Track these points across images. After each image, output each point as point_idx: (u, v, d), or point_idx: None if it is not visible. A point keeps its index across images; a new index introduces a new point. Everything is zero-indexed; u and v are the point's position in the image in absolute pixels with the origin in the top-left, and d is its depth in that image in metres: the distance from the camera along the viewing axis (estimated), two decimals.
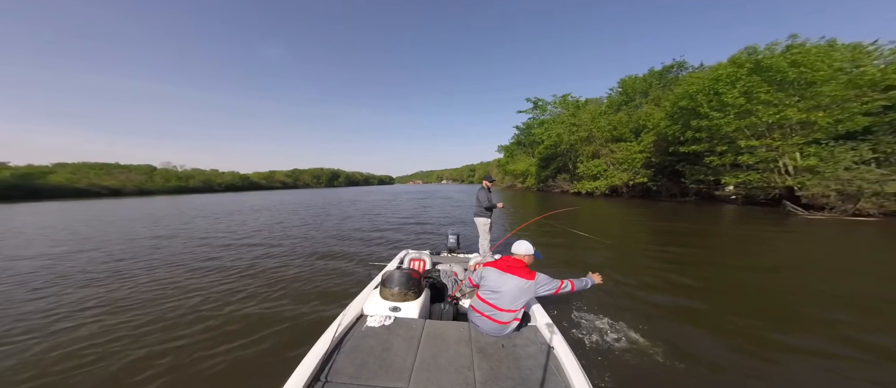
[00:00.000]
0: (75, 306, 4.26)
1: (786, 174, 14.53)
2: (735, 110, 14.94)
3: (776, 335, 3.24)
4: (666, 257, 6.49)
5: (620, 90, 36.62)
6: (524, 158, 49.63)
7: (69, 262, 6.75)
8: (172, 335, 3.40)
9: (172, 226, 12.51)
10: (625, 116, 28.99)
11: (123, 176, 64.66)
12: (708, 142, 16.85)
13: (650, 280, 5.03)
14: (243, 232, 10.62)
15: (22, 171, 53.84)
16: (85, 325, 3.67)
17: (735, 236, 8.85)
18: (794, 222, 10.91)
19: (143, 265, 6.31)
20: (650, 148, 23.83)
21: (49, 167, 61.11)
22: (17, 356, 3.03)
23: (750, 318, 3.62)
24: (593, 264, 5.77)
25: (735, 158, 15.98)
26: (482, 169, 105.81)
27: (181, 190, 67.69)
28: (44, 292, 4.81)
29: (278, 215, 16.44)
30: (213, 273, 5.67)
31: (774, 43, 15.00)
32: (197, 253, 7.42)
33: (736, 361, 2.86)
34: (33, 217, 17.72)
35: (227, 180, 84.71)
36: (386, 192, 49.42)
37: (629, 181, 24.76)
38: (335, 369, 1.89)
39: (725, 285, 4.80)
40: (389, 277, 2.80)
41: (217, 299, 4.41)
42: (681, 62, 33.66)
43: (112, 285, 5.06)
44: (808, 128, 13.72)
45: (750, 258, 6.31)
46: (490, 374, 1.88)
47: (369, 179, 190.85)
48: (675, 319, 3.70)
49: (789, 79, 13.45)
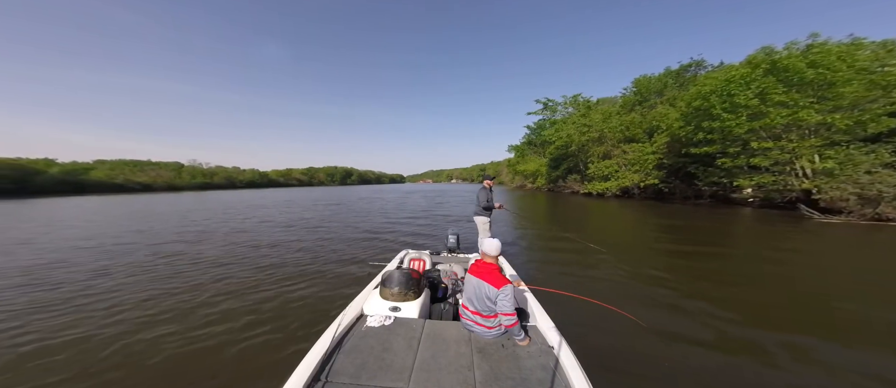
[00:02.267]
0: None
1: (803, 177, 13.97)
2: (748, 112, 14.42)
3: (772, 335, 3.20)
4: (671, 254, 6.46)
5: (634, 90, 35.71)
6: (535, 159, 49.05)
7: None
8: (172, 333, 3.45)
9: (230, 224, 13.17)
10: (638, 117, 28.26)
11: (154, 173, 67.56)
12: (720, 143, 16.32)
13: (651, 280, 5.00)
14: (269, 230, 11.11)
15: (67, 167, 57.40)
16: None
17: (743, 237, 8.67)
18: (807, 225, 10.54)
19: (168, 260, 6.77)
20: (663, 149, 23.23)
21: (90, 164, 64.65)
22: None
23: (752, 321, 3.58)
24: (590, 263, 5.90)
25: (747, 160, 15.44)
26: (492, 169, 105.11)
27: (206, 186, 70.16)
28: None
29: (320, 213, 16.69)
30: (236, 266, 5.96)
31: (793, 42, 14.36)
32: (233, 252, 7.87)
33: (739, 363, 2.84)
34: (103, 209, 18.81)
35: (247, 178, 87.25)
36: (399, 190, 50.00)
37: (640, 182, 24.23)
38: (335, 369, 1.88)
39: (731, 289, 4.69)
40: (389, 277, 2.77)
41: (221, 298, 4.45)
42: (699, 61, 32.42)
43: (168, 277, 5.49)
44: (827, 130, 13.12)
45: (760, 264, 6.15)
46: (490, 374, 1.86)
47: (381, 177, 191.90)
48: (676, 319, 3.69)
49: (807, 80, 12.88)
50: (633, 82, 36.36)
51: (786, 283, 4.99)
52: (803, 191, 13.68)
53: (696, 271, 5.57)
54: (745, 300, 4.28)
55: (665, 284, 4.92)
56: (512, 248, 7.49)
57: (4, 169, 43.32)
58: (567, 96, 37.77)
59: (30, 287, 5.01)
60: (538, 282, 4.48)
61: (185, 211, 17.90)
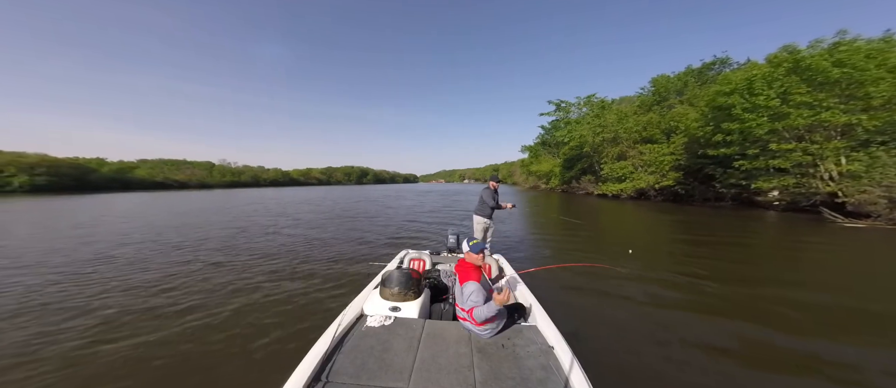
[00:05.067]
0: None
1: (829, 180, 13.19)
2: (769, 112, 13.73)
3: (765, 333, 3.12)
4: (678, 254, 6.41)
5: (652, 90, 34.48)
6: (548, 159, 48.30)
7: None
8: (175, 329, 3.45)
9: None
10: (657, 117, 27.31)
11: (189, 171, 71.41)
12: (739, 145, 15.59)
13: (653, 279, 4.96)
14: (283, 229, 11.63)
15: (116, 166, 62.02)
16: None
17: (760, 243, 8.32)
18: (829, 229, 10.03)
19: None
20: (680, 150, 22.40)
21: (135, 163, 69.34)
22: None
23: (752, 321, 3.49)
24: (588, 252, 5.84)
25: (766, 162, 14.70)
26: (506, 169, 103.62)
27: (234, 184, 73.40)
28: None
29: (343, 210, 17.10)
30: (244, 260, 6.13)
31: (819, 40, 13.53)
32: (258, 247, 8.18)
33: (741, 364, 2.82)
34: (159, 205, 19.86)
35: (271, 176, 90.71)
36: (415, 190, 50.35)
37: (656, 184, 23.47)
38: (335, 369, 1.86)
39: (738, 295, 4.55)
40: (389, 277, 2.73)
41: (225, 297, 4.42)
42: (723, 58, 30.81)
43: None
44: (854, 131, 12.35)
45: (774, 266, 5.97)
46: (490, 374, 1.83)
47: (395, 177, 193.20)
48: (678, 319, 3.65)
49: (832, 79, 12.15)
50: (650, 82, 35.16)
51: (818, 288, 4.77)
52: (829, 194, 12.94)
53: (700, 269, 5.29)
54: (750, 302, 4.13)
55: (666, 283, 4.76)
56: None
57: (67, 168, 47.29)
58: (581, 97, 36.91)
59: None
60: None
61: (245, 204, 18.81)
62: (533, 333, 2.29)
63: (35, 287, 4.85)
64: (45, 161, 44.70)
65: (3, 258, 6.55)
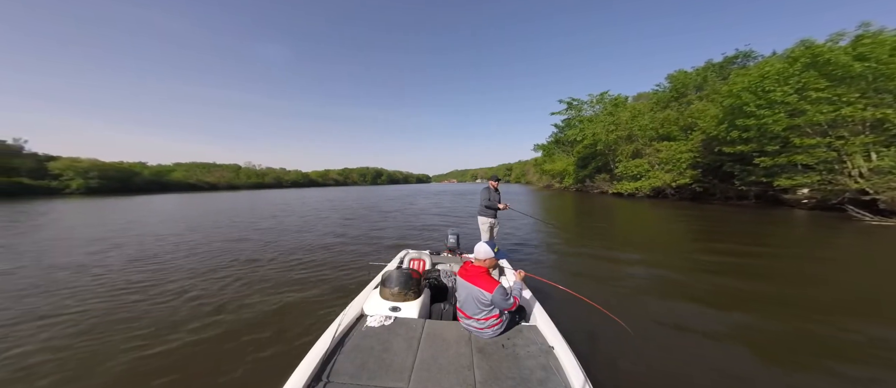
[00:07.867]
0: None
1: (858, 176, 12.35)
2: (786, 108, 13.07)
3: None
4: (682, 255, 6.24)
5: (670, 86, 33.12)
6: (562, 157, 47.30)
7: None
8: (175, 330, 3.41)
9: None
10: (674, 113, 26.28)
11: (219, 173, 75.10)
12: (757, 142, 14.88)
13: (653, 279, 4.94)
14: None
15: (154, 169, 66.43)
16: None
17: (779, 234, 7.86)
18: (855, 228, 9.49)
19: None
20: (698, 147, 21.50)
21: (172, 166, 73.92)
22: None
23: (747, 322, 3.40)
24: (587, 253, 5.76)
25: (788, 158, 13.94)
26: (519, 168, 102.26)
27: (258, 186, 76.33)
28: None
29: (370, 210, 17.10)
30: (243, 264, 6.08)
31: (840, 33, 12.70)
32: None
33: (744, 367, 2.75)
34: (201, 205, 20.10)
35: (291, 178, 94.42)
36: (428, 190, 50.25)
37: (673, 182, 22.63)
38: (335, 369, 1.85)
39: (742, 295, 4.41)
40: (389, 277, 2.71)
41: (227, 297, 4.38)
42: (747, 52, 29.08)
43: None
44: (885, 125, 11.55)
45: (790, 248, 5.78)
46: (490, 374, 1.82)
47: (408, 177, 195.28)
48: (678, 319, 3.63)
49: (854, 73, 11.43)
50: (667, 78, 33.79)
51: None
52: (859, 190, 12.13)
53: (702, 268, 5.18)
54: (752, 303, 3.97)
55: (666, 283, 4.66)
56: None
57: (114, 171, 51.00)
58: (593, 94, 35.93)
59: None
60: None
61: (296, 201, 19.40)
62: (533, 333, 2.27)
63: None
64: (96, 166, 48.07)
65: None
